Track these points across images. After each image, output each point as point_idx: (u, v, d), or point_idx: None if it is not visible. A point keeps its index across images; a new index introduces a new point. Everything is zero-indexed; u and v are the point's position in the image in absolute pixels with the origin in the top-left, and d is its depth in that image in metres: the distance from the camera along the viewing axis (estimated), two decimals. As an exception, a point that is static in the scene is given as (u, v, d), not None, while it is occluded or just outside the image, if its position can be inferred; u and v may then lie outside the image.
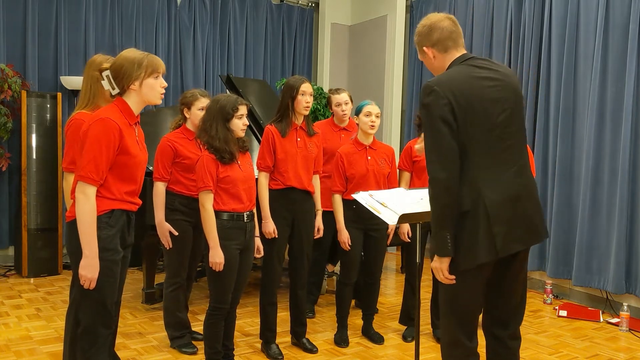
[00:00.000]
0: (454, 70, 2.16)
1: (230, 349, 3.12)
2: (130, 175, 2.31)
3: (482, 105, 2.07)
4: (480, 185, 2.04)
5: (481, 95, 2.08)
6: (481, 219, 2.02)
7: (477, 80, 2.10)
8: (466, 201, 2.04)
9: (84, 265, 2.18)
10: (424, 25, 2.25)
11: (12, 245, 5.40)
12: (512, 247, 2.08)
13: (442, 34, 2.20)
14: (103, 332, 2.30)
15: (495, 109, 2.09)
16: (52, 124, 5.13)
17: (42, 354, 3.35)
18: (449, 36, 2.20)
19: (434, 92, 2.05)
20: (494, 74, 2.15)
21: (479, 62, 2.18)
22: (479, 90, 2.08)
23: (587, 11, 4.63)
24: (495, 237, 2.02)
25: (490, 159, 2.08)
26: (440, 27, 2.21)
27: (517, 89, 2.19)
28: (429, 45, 2.23)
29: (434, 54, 2.23)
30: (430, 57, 2.25)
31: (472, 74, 2.12)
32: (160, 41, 6.05)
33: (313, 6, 7.17)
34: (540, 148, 4.98)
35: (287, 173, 3.31)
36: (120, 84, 2.28)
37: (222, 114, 2.87)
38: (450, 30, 2.21)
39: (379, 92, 6.55)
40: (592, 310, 4.45)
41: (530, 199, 2.15)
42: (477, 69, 2.14)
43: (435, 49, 2.23)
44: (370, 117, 3.45)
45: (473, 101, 2.06)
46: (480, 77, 2.12)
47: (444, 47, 2.21)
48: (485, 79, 2.12)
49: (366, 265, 3.62)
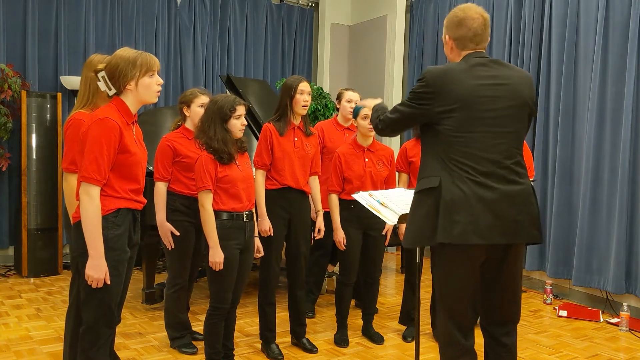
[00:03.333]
0: (457, 63, 2.20)
1: (230, 349, 3.12)
2: (131, 173, 2.31)
3: (472, 100, 2.11)
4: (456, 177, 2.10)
5: (472, 91, 2.11)
6: (443, 202, 2.09)
7: (473, 77, 2.13)
8: (434, 180, 2.13)
9: (90, 265, 2.18)
10: (456, 15, 2.25)
11: (12, 245, 5.40)
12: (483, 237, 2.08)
13: (467, 34, 2.22)
14: (105, 332, 2.30)
15: (484, 106, 2.11)
16: (52, 124, 5.13)
17: (42, 354, 3.35)
18: (473, 38, 2.22)
19: (424, 78, 2.16)
20: (497, 72, 2.17)
21: (488, 61, 2.19)
22: (472, 86, 2.12)
23: (587, 11, 4.63)
24: (454, 224, 2.07)
25: (470, 154, 2.11)
26: (468, 27, 2.22)
27: (521, 92, 2.18)
28: (451, 37, 2.26)
29: (452, 46, 2.27)
30: (448, 46, 2.29)
31: (472, 70, 2.15)
32: (160, 41, 6.05)
33: (313, 6, 7.17)
34: (540, 148, 4.98)
35: (283, 172, 3.31)
36: (117, 85, 2.28)
37: (220, 115, 2.87)
38: (476, 33, 2.21)
39: (379, 92, 6.55)
40: (592, 310, 4.45)
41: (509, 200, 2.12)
42: (480, 67, 2.16)
43: (455, 44, 2.26)
44: (368, 120, 3.44)
45: (463, 94, 2.11)
46: (479, 75, 2.14)
47: (463, 45, 2.24)
48: (484, 77, 2.14)
49: (365, 266, 3.62)
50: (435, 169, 2.15)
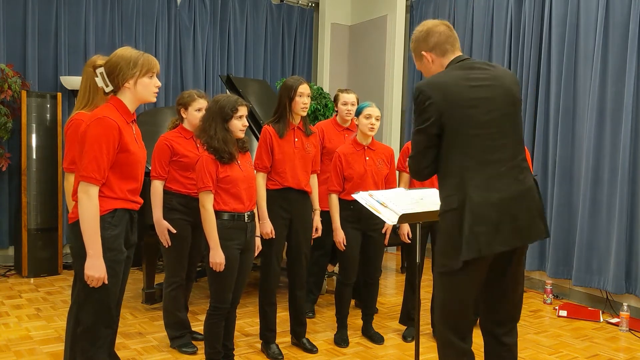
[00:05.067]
0: (445, 72, 2.21)
1: (230, 349, 3.12)
2: (131, 172, 2.31)
3: (468, 104, 2.10)
4: (466, 185, 2.08)
5: (467, 95, 2.11)
6: (465, 218, 2.06)
7: (465, 80, 2.14)
8: (453, 199, 2.10)
9: (89, 265, 2.18)
10: (420, 31, 2.29)
11: (12, 245, 5.40)
12: (496, 247, 2.07)
13: (440, 38, 2.25)
14: (104, 332, 2.30)
15: (481, 109, 2.11)
16: (52, 124, 5.13)
17: (42, 354, 3.35)
18: (447, 40, 2.25)
19: (422, 93, 2.13)
20: (486, 74, 2.17)
21: (473, 63, 2.21)
22: (466, 90, 2.12)
23: (587, 11, 4.63)
24: (478, 236, 2.04)
25: (477, 158, 2.10)
26: (437, 32, 2.25)
27: (510, 90, 2.19)
28: (427, 50, 2.27)
29: (432, 58, 2.27)
30: (428, 61, 2.28)
31: (462, 75, 2.16)
32: (160, 41, 6.05)
33: (313, 6, 7.17)
34: (540, 148, 4.98)
35: (284, 174, 3.30)
36: (115, 82, 2.28)
37: (222, 115, 2.87)
38: (447, 34, 2.25)
39: (379, 92, 6.55)
40: (592, 310, 4.45)
41: (523, 201, 2.13)
42: (469, 70, 2.18)
43: (434, 53, 2.27)
44: (370, 120, 3.45)
45: (459, 101, 2.10)
46: (470, 78, 2.14)
47: (442, 50, 2.25)
48: (475, 79, 2.14)
49: (365, 266, 3.62)
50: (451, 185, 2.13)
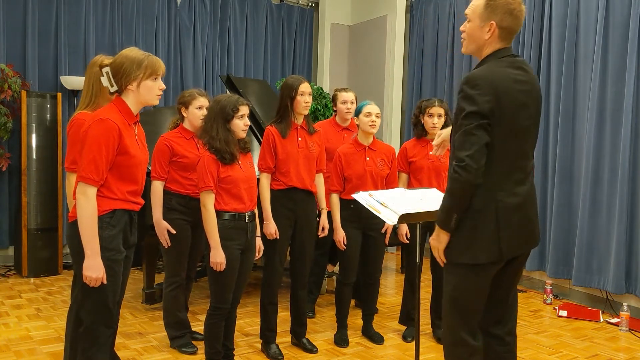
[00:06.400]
0: (493, 66, 2.09)
1: (230, 349, 3.12)
2: (130, 175, 2.31)
3: (513, 108, 2.05)
4: (495, 188, 2.06)
5: (514, 98, 2.05)
6: (491, 221, 2.05)
7: (512, 82, 2.06)
8: (479, 200, 2.05)
9: (87, 265, 2.19)
10: (509, 2, 2.08)
11: (12, 245, 5.40)
12: (515, 251, 2.11)
13: (515, 27, 2.10)
14: (104, 332, 2.30)
15: (522, 114, 2.08)
16: (52, 124, 5.13)
17: (42, 354, 3.35)
18: (514, 32, 2.12)
19: (478, 87, 2.00)
20: (526, 77, 2.11)
21: (520, 63, 2.13)
22: (514, 93, 2.05)
23: (587, 11, 4.62)
24: (501, 240, 2.05)
25: (508, 163, 2.08)
26: (518, 19, 2.10)
27: (540, 97, 2.17)
28: (498, 24, 2.08)
29: (492, 34, 2.09)
30: (484, 31, 2.09)
31: (509, 74, 2.07)
32: (160, 41, 6.05)
33: (313, 6, 7.17)
34: (540, 148, 4.97)
35: (289, 174, 3.30)
36: (119, 83, 2.29)
37: (223, 115, 2.87)
38: (519, 27, 2.12)
39: (379, 92, 6.55)
40: (592, 310, 4.45)
41: (533, 206, 2.17)
42: (513, 69, 2.09)
43: (499, 32, 2.09)
44: (371, 117, 3.45)
45: (507, 103, 2.03)
46: (516, 80, 2.07)
47: (507, 38, 2.12)
48: (519, 82, 2.08)
49: (365, 266, 3.62)
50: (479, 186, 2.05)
